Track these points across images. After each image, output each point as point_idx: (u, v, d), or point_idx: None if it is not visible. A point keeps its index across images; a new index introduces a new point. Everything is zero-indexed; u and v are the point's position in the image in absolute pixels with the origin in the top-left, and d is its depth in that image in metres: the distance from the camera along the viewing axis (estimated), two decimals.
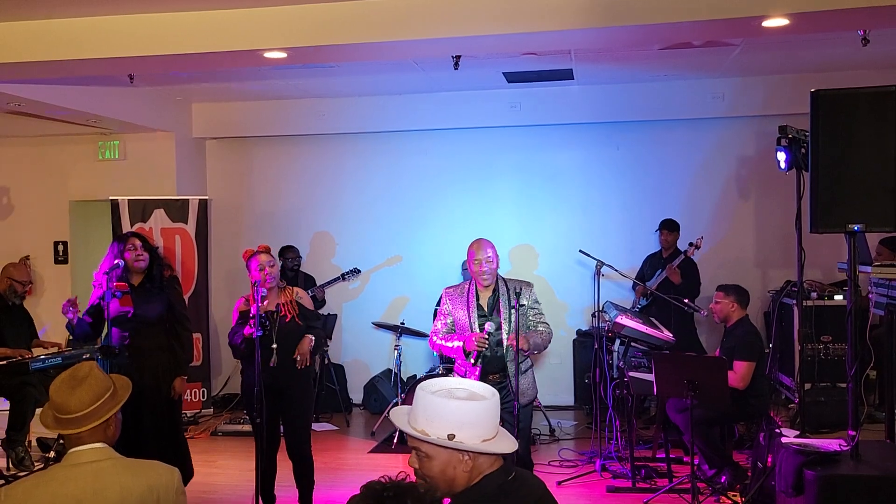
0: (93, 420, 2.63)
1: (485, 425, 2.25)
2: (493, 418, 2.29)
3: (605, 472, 6.03)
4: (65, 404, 2.63)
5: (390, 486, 1.81)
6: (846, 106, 4.12)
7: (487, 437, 2.25)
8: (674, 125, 8.25)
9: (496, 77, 7.62)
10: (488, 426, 2.26)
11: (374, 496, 1.79)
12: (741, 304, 5.79)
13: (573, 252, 7.30)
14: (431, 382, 2.35)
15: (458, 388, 2.33)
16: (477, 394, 2.31)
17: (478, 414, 2.24)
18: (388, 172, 8.75)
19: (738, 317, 5.78)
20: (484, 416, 2.26)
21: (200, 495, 5.64)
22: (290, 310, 4.88)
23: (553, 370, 8.24)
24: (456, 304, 4.81)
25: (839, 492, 3.96)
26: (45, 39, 5.40)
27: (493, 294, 4.80)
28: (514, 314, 4.69)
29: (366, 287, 8.77)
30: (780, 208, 7.66)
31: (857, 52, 5.74)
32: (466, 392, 2.31)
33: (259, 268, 4.82)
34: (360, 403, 8.51)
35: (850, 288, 4.30)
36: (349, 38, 5.11)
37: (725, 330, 5.88)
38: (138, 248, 5.13)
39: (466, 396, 2.28)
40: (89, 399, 2.64)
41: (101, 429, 2.66)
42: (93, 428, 2.63)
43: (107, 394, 2.69)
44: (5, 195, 8.71)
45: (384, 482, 1.84)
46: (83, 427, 2.61)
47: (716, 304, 5.87)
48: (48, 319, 8.35)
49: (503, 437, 2.31)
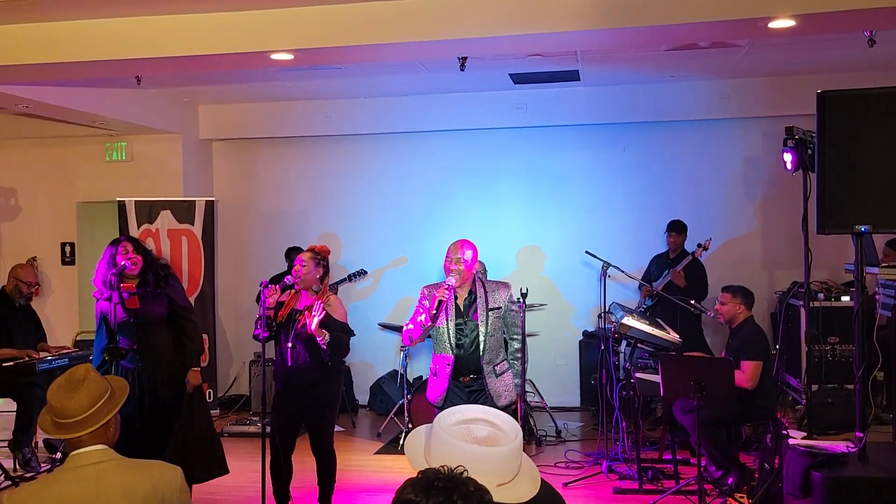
0: (92, 423, 2.63)
1: (500, 471, 2.06)
2: (511, 462, 2.09)
3: (612, 473, 6.02)
4: (64, 409, 2.62)
5: (443, 477, 1.81)
6: (853, 107, 4.12)
7: (503, 481, 2.07)
8: (680, 126, 8.24)
9: (502, 78, 7.62)
10: (505, 471, 2.08)
11: (426, 483, 1.80)
12: (747, 305, 5.79)
13: (579, 253, 7.30)
14: (449, 414, 2.17)
15: (476, 422, 2.15)
16: (497, 434, 2.13)
17: (494, 463, 2.06)
18: (394, 174, 8.76)
19: (743, 318, 5.77)
20: (500, 463, 2.07)
21: (207, 496, 5.64)
22: (309, 316, 4.75)
23: (559, 371, 8.23)
24: (433, 301, 4.71)
25: (847, 493, 3.96)
26: (52, 42, 5.41)
27: (470, 295, 4.78)
28: (490, 316, 4.69)
29: (372, 288, 8.78)
30: (786, 209, 7.64)
31: (863, 53, 5.72)
32: (486, 431, 2.13)
33: (295, 265, 4.89)
34: (365, 404, 8.52)
35: (857, 289, 4.30)
36: (356, 39, 5.11)
37: (731, 331, 5.88)
38: (130, 252, 5.14)
39: (485, 437, 2.11)
40: (88, 402, 2.63)
41: (102, 431, 2.66)
42: (93, 431, 2.64)
43: (105, 396, 2.69)
44: (13, 196, 8.75)
45: (440, 472, 1.83)
46: (83, 430, 2.61)
47: (721, 305, 5.86)
48: (55, 320, 8.38)
49: (521, 481, 2.11)
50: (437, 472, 1.82)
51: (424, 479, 1.81)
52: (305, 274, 4.87)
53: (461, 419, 2.15)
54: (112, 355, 5.01)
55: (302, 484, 5.23)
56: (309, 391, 4.86)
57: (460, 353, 4.70)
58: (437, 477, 1.81)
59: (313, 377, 4.83)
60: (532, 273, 8.30)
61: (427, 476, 1.81)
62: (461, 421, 2.15)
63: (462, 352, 4.70)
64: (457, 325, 4.71)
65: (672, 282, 7.36)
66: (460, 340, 4.70)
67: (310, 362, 4.81)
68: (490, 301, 4.72)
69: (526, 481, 2.12)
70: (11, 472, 6.08)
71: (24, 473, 6.22)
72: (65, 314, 8.62)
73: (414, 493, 1.78)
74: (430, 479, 1.80)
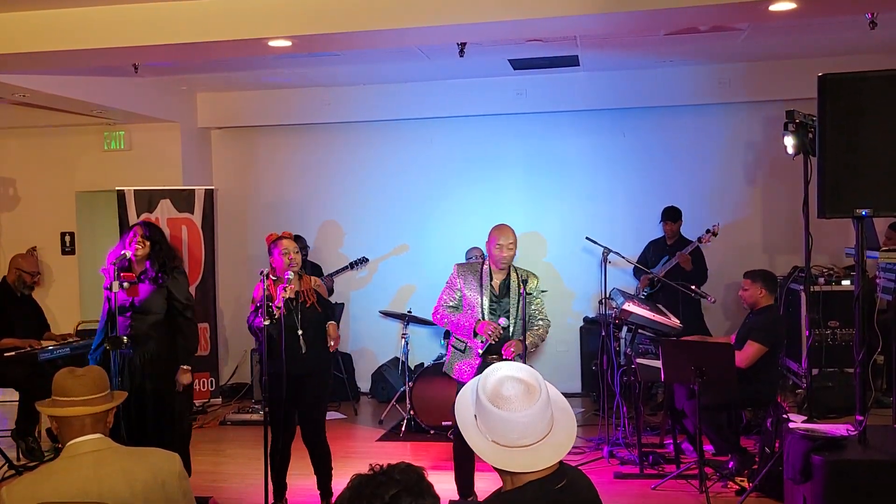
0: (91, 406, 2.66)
1: (521, 432, 2.07)
2: (531, 426, 2.08)
3: (613, 458, 6.04)
4: (65, 387, 2.68)
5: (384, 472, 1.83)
6: (854, 90, 4.10)
7: (527, 442, 2.07)
8: (680, 111, 8.22)
9: (502, 64, 7.59)
10: (527, 433, 2.07)
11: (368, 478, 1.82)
12: (768, 289, 5.75)
13: (580, 239, 7.28)
14: (493, 371, 2.18)
15: (509, 380, 2.13)
16: (527, 391, 2.12)
17: (524, 426, 2.06)
18: (395, 161, 8.74)
19: (766, 303, 5.75)
20: (516, 427, 2.06)
21: (210, 484, 5.67)
22: (309, 296, 4.91)
23: (560, 357, 8.24)
24: (469, 281, 4.98)
25: (847, 477, 3.96)
26: (48, 29, 5.39)
27: (506, 279, 4.99)
28: (521, 301, 4.89)
29: (373, 276, 8.77)
30: (787, 194, 7.62)
31: (864, 36, 5.68)
32: (516, 388, 2.11)
33: (283, 253, 4.86)
34: (367, 392, 8.53)
35: (858, 273, 4.29)
36: (354, 25, 5.09)
37: (751, 312, 5.86)
38: (138, 236, 5.15)
39: (515, 394, 2.09)
40: (89, 388, 2.69)
41: (100, 420, 2.69)
42: (91, 415, 2.66)
43: (106, 390, 2.75)
44: (12, 186, 8.73)
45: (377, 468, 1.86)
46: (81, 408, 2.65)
47: (744, 291, 5.84)
48: (56, 310, 8.38)
49: (543, 448, 2.09)
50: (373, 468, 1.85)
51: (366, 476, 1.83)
52: (298, 260, 4.94)
53: (500, 376, 2.16)
54: (113, 345, 5.01)
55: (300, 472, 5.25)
56: (310, 378, 4.90)
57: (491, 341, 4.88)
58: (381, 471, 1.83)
59: (318, 361, 4.92)
60: (533, 259, 8.25)
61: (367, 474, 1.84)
62: (500, 376, 2.16)
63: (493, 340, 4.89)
64: (491, 306, 4.92)
65: (677, 265, 7.33)
66: (493, 320, 4.91)
67: (316, 345, 4.90)
68: (521, 286, 4.93)
69: (544, 451, 2.10)
70: (15, 461, 6.10)
71: (27, 462, 6.23)
72: (66, 304, 8.61)
73: None
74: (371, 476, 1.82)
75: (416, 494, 1.77)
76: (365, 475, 1.82)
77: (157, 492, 2.64)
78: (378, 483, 1.78)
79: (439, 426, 6.75)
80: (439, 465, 5.99)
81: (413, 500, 1.76)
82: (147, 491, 2.61)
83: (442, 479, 5.64)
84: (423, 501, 1.77)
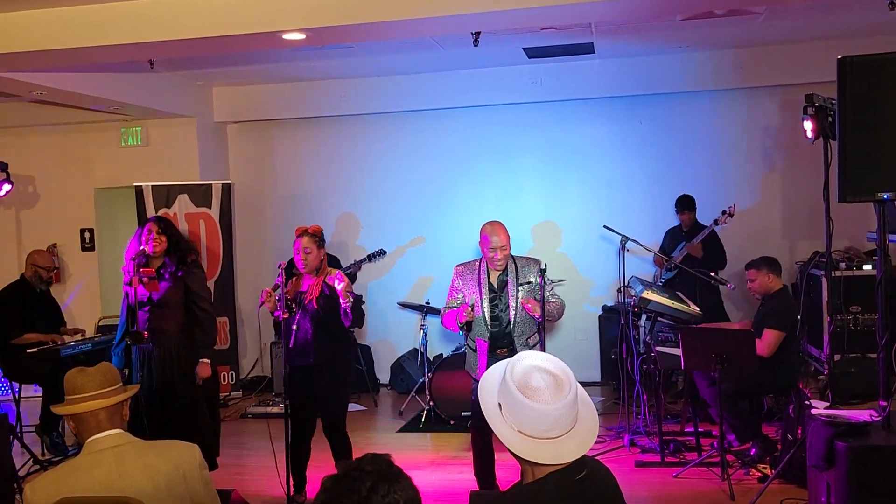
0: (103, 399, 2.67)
1: (550, 425, 2.04)
2: (560, 419, 2.06)
3: (634, 446, 6.03)
4: (76, 385, 2.68)
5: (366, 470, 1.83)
6: (874, 72, 4.03)
7: (554, 434, 2.05)
8: (697, 97, 8.15)
9: (517, 53, 7.56)
10: (555, 425, 2.05)
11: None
12: (775, 273, 5.75)
13: (597, 228, 7.25)
14: (521, 359, 2.15)
15: (538, 371, 2.11)
16: (557, 384, 2.09)
17: (553, 419, 2.04)
18: (410, 152, 8.73)
19: (776, 287, 5.74)
20: (545, 419, 2.04)
21: (232, 476, 5.70)
22: (313, 293, 4.90)
23: (579, 346, 8.22)
24: (467, 280, 4.92)
25: (871, 463, 3.92)
26: (64, 27, 5.41)
27: (503, 272, 4.90)
28: (521, 291, 4.82)
29: (391, 268, 8.78)
30: (806, 178, 7.54)
31: (884, 17, 5.60)
32: (546, 381, 2.09)
33: (297, 250, 4.88)
34: (386, 383, 8.55)
35: (880, 257, 4.24)
36: (367, 17, 5.07)
37: (763, 299, 5.84)
38: (154, 232, 5.17)
39: (545, 386, 2.07)
40: (99, 382, 2.70)
41: (115, 413, 2.70)
42: (104, 409, 2.67)
43: (117, 383, 2.76)
44: (31, 184, 8.80)
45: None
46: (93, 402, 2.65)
47: (751, 282, 5.82)
48: (77, 306, 8.45)
49: (568, 441, 2.07)
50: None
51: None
52: (311, 259, 4.91)
53: (529, 366, 2.12)
54: (133, 340, 5.06)
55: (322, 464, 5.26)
56: (320, 371, 4.91)
57: (495, 327, 4.84)
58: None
59: (325, 354, 4.90)
60: (549, 249, 8.26)
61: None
62: (529, 366, 2.12)
63: (496, 326, 4.84)
64: (490, 301, 4.85)
65: (690, 255, 7.29)
66: (494, 316, 4.85)
67: (321, 339, 4.88)
68: (521, 276, 4.86)
69: (568, 444, 2.08)
70: (39, 456, 6.16)
71: (51, 457, 6.30)
72: (86, 300, 8.69)
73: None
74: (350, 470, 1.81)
75: (390, 481, 1.79)
76: (335, 475, 1.83)
77: (179, 484, 2.65)
78: (352, 479, 1.78)
79: (459, 417, 6.76)
80: (459, 456, 6.01)
81: (389, 487, 1.77)
82: (170, 484, 2.63)
83: (463, 471, 5.66)
84: (399, 485, 1.79)
